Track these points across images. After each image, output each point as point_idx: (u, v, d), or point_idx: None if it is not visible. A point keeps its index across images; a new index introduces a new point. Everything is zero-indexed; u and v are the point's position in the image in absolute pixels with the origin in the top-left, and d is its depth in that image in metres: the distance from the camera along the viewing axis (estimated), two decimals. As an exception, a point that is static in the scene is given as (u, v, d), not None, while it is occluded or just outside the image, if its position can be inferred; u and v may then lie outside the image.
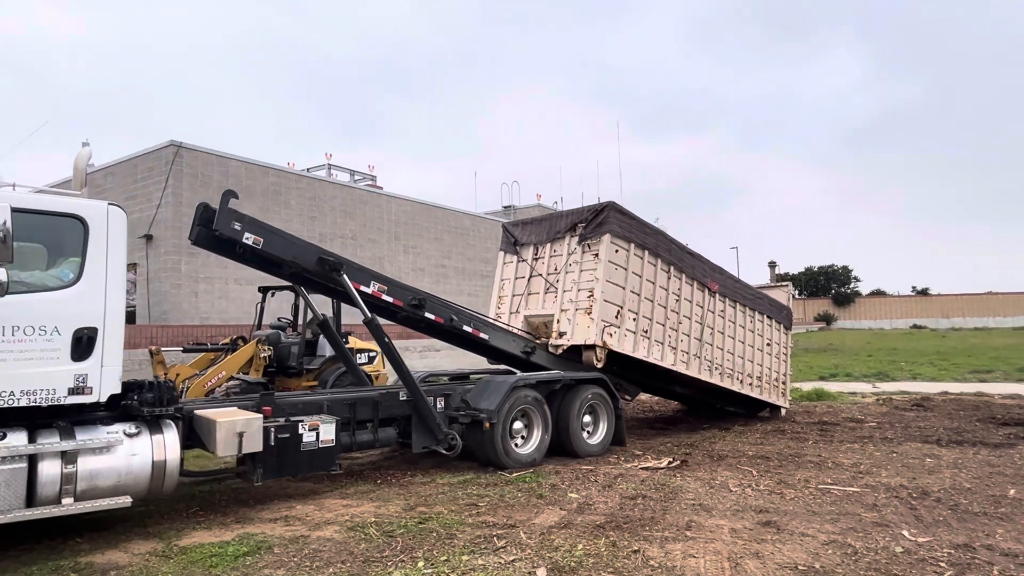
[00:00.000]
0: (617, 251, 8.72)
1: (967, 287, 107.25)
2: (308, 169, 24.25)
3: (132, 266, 15.79)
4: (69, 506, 4.59)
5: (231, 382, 9.71)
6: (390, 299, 7.23)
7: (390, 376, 10.92)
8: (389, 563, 4.46)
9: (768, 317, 11.60)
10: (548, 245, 9.34)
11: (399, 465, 7.82)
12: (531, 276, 9.44)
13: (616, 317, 8.65)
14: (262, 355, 10.32)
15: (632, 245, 8.93)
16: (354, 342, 11.55)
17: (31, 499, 4.50)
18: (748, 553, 4.55)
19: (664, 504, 5.88)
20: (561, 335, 8.68)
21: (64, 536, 5.11)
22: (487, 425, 7.16)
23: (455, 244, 24.29)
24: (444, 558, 4.51)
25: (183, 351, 11.70)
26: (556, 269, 9.11)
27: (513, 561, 4.43)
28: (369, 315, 6.93)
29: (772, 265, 70.84)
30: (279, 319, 12.03)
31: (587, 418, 8.29)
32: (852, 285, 73.36)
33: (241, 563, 4.52)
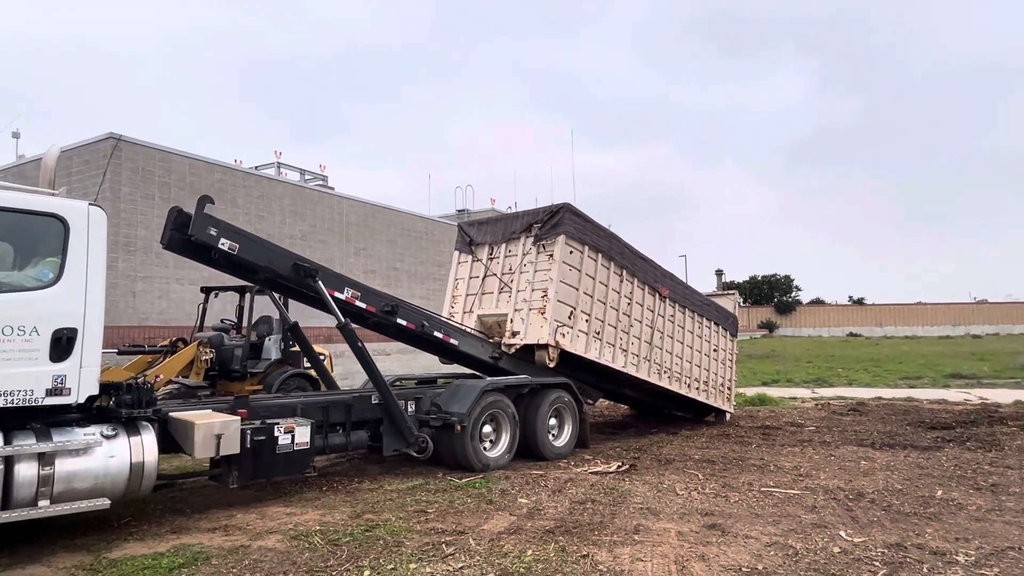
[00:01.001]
0: (571, 252, 8.80)
1: (899, 297, 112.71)
2: (256, 167, 23.59)
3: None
4: (46, 508, 4.52)
5: (169, 386, 9.32)
6: (363, 305, 7.29)
7: (339, 381, 10.69)
8: (334, 572, 4.34)
9: (715, 324, 11.88)
10: (503, 245, 9.36)
11: (346, 471, 7.65)
12: (485, 276, 9.44)
13: (569, 318, 8.72)
14: (204, 358, 9.96)
15: (586, 247, 9.03)
16: (301, 345, 11.26)
17: (6, 502, 4.42)
18: (694, 556, 4.62)
19: (613, 508, 5.92)
20: (514, 334, 8.71)
21: (-19, 550, 4.79)
22: (458, 428, 7.22)
23: (408, 247, 24.04)
24: (391, 566, 4.41)
25: (118, 353, 11.16)
26: (511, 269, 9.14)
27: (462, 568, 4.37)
28: (343, 320, 6.95)
29: (719, 273, 72.91)
30: (222, 321, 11.63)
31: (553, 421, 8.47)
32: (793, 294, 76.06)
33: (176, 575, 4.32)
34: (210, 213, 6.09)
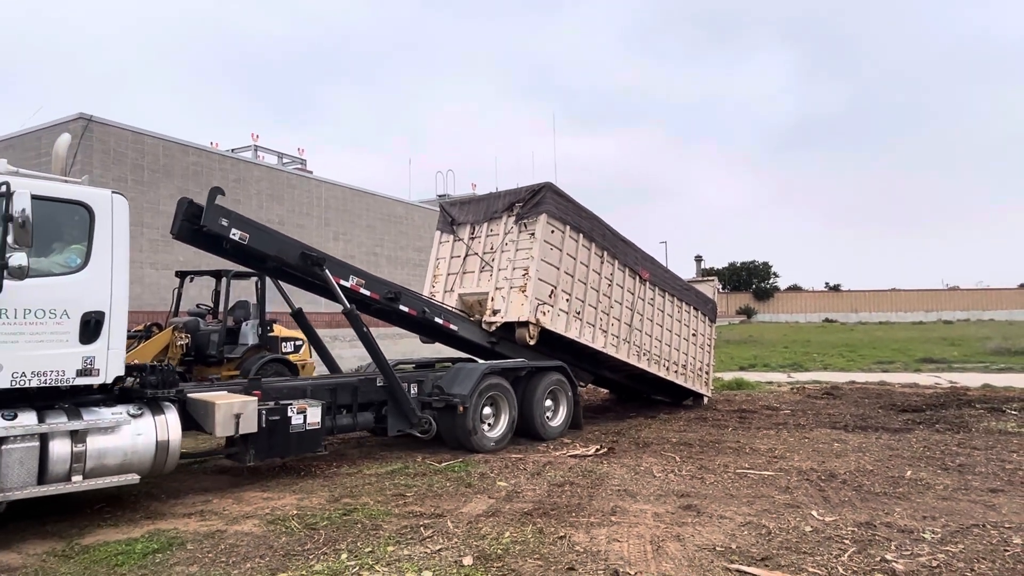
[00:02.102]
0: (553, 232, 8.83)
1: (874, 284, 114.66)
2: (233, 150, 23.18)
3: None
4: (79, 483, 4.75)
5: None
6: (367, 292, 7.54)
7: (318, 366, 10.63)
8: (311, 556, 4.32)
9: (695, 309, 11.99)
10: (485, 224, 9.37)
11: (325, 456, 7.62)
12: (467, 255, 9.46)
13: (550, 296, 8.76)
14: (179, 343, 9.81)
15: (568, 227, 9.07)
16: (279, 330, 11.16)
17: (42, 477, 4.63)
18: (670, 536, 4.68)
19: (591, 490, 5.98)
20: (495, 312, 8.75)
21: (-52, 538, 4.69)
22: (460, 409, 7.46)
23: (387, 232, 23.85)
24: (368, 550, 4.41)
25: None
26: (492, 248, 9.15)
27: (440, 551, 4.39)
28: (348, 306, 7.19)
29: (698, 259, 73.39)
30: (198, 305, 11.46)
31: (549, 402, 8.77)
32: (771, 281, 76.88)
33: (150, 561, 4.28)
34: (221, 204, 6.26)
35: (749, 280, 76.82)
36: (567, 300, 9.02)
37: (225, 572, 4.10)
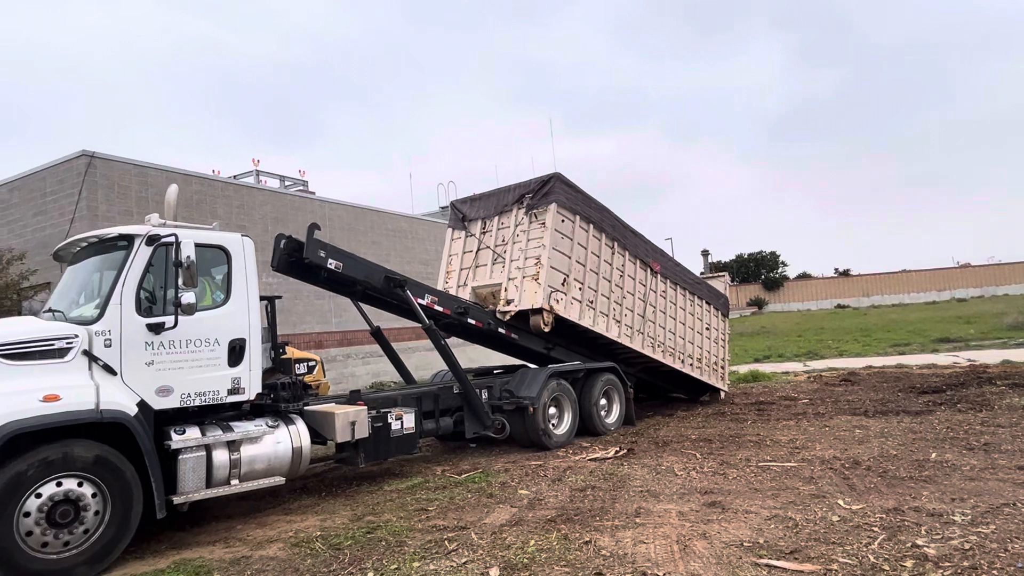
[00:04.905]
0: (563, 221, 8.89)
1: (884, 266, 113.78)
2: (235, 176, 23.35)
3: (46, 285, 14.78)
4: (236, 486, 5.46)
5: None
6: (440, 308, 8.14)
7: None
8: (337, 577, 4.31)
9: (707, 303, 11.94)
10: (496, 218, 9.47)
11: (345, 475, 7.63)
12: (479, 249, 9.56)
13: (562, 284, 8.80)
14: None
15: (578, 217, 9.13)
16: (292, 352, 11.20)
17: (208, 481, 5.33)
18: (696, 534, 4.64)
19: (613, 493, 5.94)
20: (509, 302, 8.82)
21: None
22: (531, 410, 8.04)
23: (393, 247, 23.91)
24: (394, 567, 4.40)
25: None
26: (504, 240, 9.24)
27: (465, 563, 4.37)
28: (427, 322, 7.79)
29: (705, 253, 73.17)
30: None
31: (603, 401, 9.36)
32: (780, 270, 76.56)
33: (178, 591, 4.28)
34: (319, 238, 6.91)
35: (757, 271, 76.48)
36: (579, 289, 9.07)
37: (253, 598, 4.10)
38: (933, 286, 67.12)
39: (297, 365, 11.06)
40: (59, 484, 4.54)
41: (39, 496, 4.45)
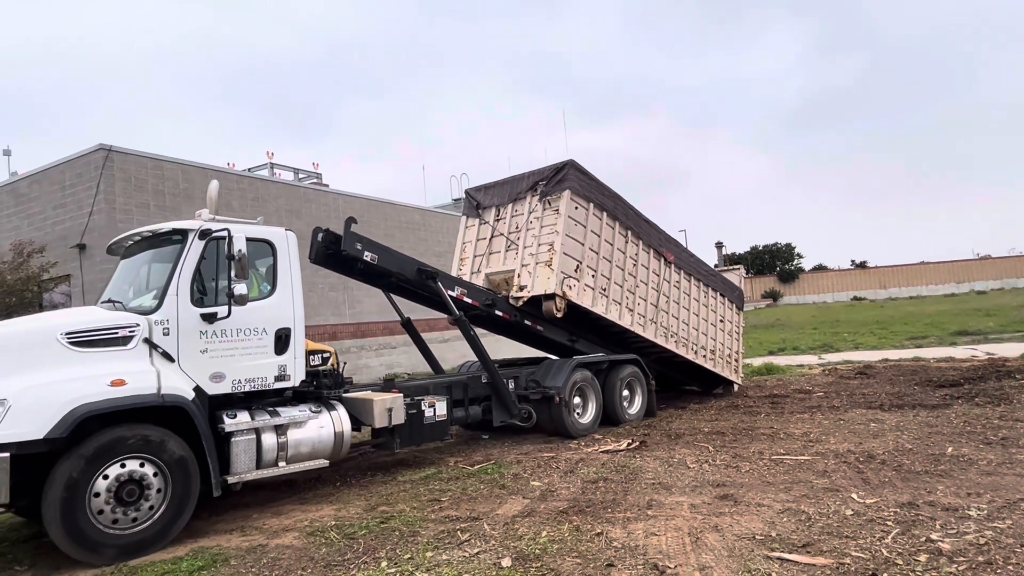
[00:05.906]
0: (577, 208, 8.90)
1: (901, 258, 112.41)
2: (250, 169, 23.50)
3: (66, 277, 15.02)
4: (284, 468, 5.74)
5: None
6: (469, 300, 8.29)
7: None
8: (351, 566, 4.37)
9: (721, 295, 11.87)
10: (510, 206, 9.52)
11: (359, 466, 7.71)
12: (493, 236, 9.61)
13: (576, 271, 8.82)
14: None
15: (591, 204, 9.14)
16: (307, 343, 11.28)
17: (258, 463, 5.60)
18: (708, 527, 4.65)
19: (625, 485, 5.95)
20: (522, 288, 8.87)
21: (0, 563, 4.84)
22: (557, 399, 8.28)
23: (406, 239, 23.97)
24: (408, 556, 4.45)
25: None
26: (517, 228, 9.29)
27: (478, 554, 4.41)
28: (458, 313, 7.93)
29: (719, 245, 72.56)
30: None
31: (625, 392, 9.57)
32: (795, 262, 75.72)
33: (196, 578, 4.36)
34: (355, 231, 7.08)
35: (772, 263, 75.77)
36: (592, 276, 9.08)
37: (269, 586, 4.16)
38: (952, 278, 66.14)
39: (312, 357, 11.16)
40: (123, 465, 4.82)
41: (106, 477, 4.74)
